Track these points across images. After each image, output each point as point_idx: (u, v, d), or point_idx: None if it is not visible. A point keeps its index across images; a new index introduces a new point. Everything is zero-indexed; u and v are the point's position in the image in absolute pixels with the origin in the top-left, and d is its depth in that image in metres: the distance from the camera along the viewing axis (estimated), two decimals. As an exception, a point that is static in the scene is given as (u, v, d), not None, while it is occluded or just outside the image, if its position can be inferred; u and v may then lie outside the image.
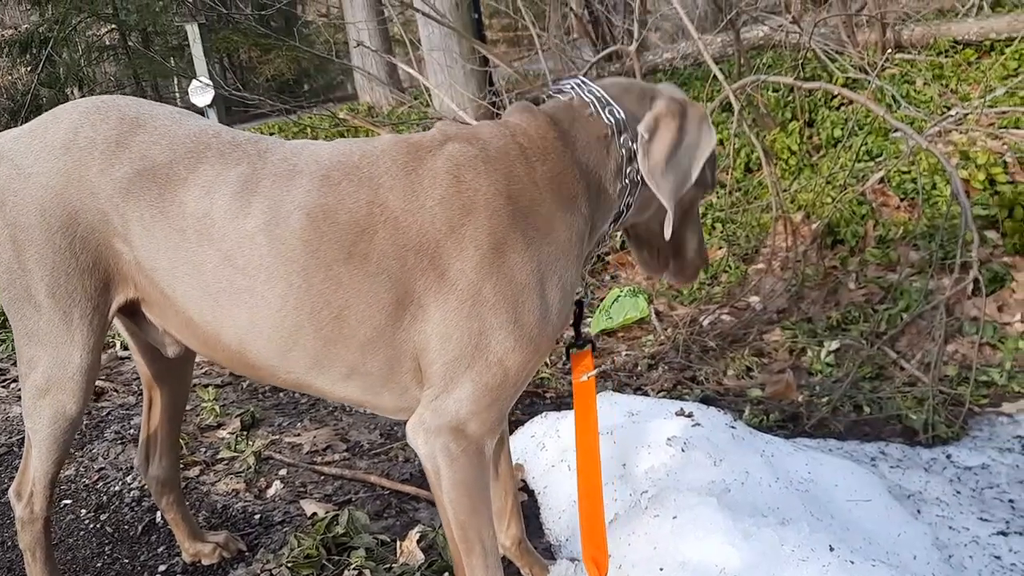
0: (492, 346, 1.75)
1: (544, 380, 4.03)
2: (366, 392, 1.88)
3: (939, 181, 4.74)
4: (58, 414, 1.95)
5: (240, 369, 1.94)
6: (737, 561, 1.93)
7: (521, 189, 1.79)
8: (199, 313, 1.84)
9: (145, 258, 1.84)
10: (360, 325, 1.78)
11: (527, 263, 1.76)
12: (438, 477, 1.83)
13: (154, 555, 2.50)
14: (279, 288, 1.77)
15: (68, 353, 1.90)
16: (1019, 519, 2.61)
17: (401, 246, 1.75)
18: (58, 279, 1.85)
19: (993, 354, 3.89)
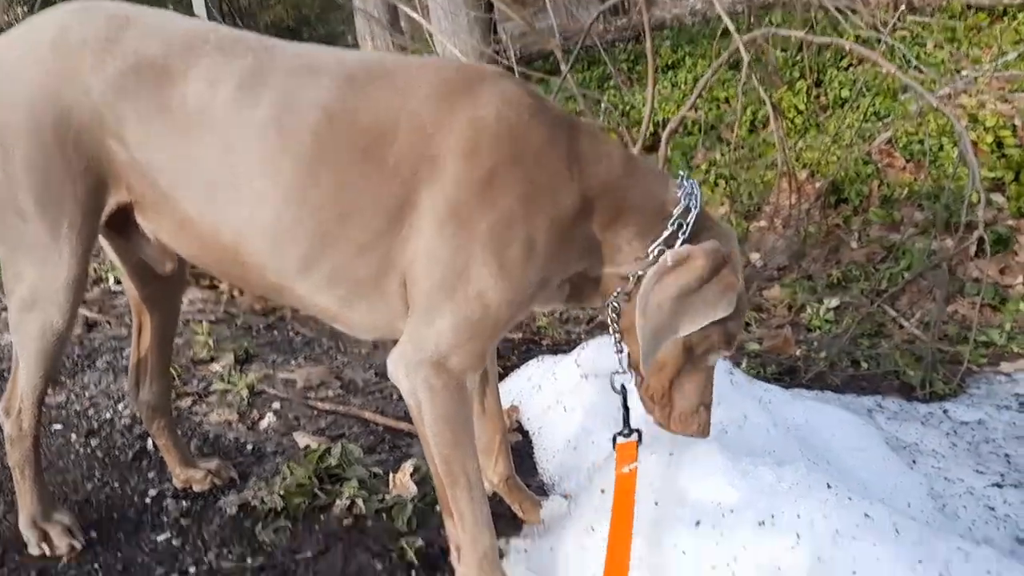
0: (473, 278, 1.74)
1: (541, 328, 4.01)
2: (343, 303, 1.86)
3: (946, 143, 4.70)
4: (45, 328, 1.92)
5: (231, 269, 1.90)
6: (734, 497, 1.91)
7: (553, 158, 1.77)
8: (197, 209, 1.80)
9: (141, 156, 1.80)
10: (361, 228, 1.75)
11: (522, 214, 1.73)
12: (420, 411, 1.81)
13: (145, 480, 2.48)
14: (284, 182, 1.74)
15: (55, 265, 1.86)
16: (1014, 472, 2.60)
17: (419, 155, 1.72)
18: (48, 185, 1.81)
19: (993, 315, 3.88)
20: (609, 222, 1.86)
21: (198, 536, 2.22)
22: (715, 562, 1.78)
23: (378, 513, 2.31)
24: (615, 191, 1.85)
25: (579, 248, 1.86)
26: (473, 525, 1.87)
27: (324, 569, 2.11)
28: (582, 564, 2.01)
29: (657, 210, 1.87)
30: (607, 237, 1.88)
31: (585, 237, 1.86)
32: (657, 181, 1.92)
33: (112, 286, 4.10)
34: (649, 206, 1.87)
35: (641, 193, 1.87)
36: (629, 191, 1.86)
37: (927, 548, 1.64)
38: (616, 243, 1.88)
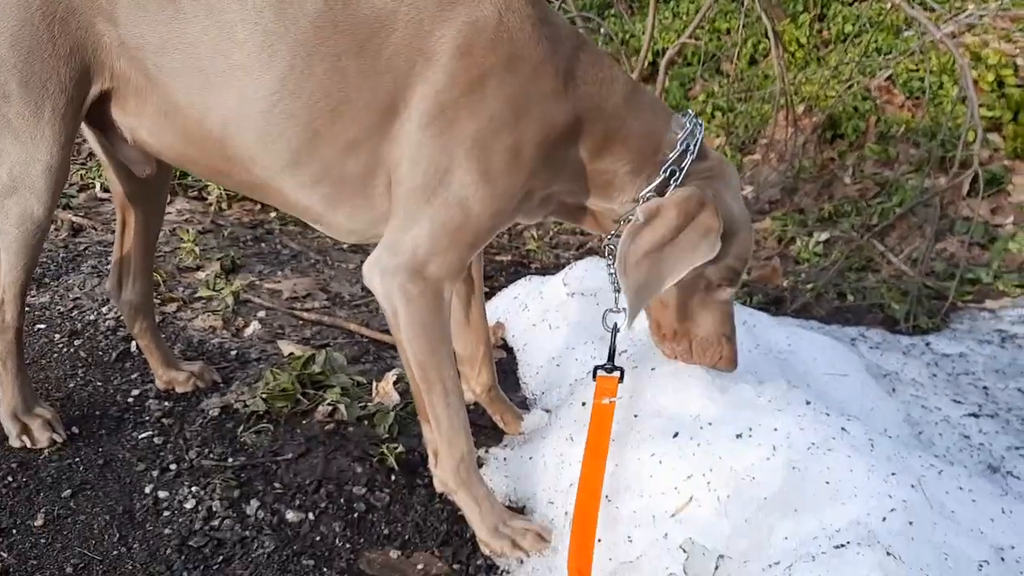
0: (455, 183, 1.72)
1: (531, 252, 4.00)
2: (327, 203, 1.84)
3: (946, 81, 4.65)
4: (25, 215, 1.89)
5: (215, 164, 1.86)
6: (714, 411, 1.93)
7: (550, 72, 1.74)
8: (186, 94, 1.77)
9: (132, 36, 1.76)
10: (352, 123, 1.72)
11: (509, 121, 1.71)
12: (396, 317, 1.80)
13: (127, 380, 2.48)
14: (279, 69, 1.71)
15: (36, 149, 1.83)
16: (991, 404, 2.63)
17: (415, 50, 1.70)
18: (32, 66, 1.77)
19: (982, 254, 3.89)
20: (599, 150, 1.84)
21: (179, 435, 2.23)
22: (692, 471, 1.80)
23: (360, 420, 2.33)
24: (610, 119, 1.82)
25: (565, 168, 1.85)
26: (449, 430, 1.88)
27: (304, 471, 2.13)
28: (559, 473, 2.03)
29: (653, 149, 1.85)
30: (597, 165, 1.86)
31: (573, 159, 1.84)
32: (658, 117, 1.89)
33: (99, 193, 4.06)
34: (645, 143, 1.85)
35: (638, 127, 1.85)
36: (625, 122, 1.83)
37: (901, 462, 1.66)
38: (607, 176, 1.87)
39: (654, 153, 1.85)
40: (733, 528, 1.62)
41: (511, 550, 1.87)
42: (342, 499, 2.04)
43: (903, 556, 1.30)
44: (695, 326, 1.99)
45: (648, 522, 1.76)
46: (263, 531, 1.93)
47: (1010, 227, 4.00)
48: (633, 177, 1.86)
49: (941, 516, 1.49)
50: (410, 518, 2.02)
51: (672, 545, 1.66)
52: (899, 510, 1.45)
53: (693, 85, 5.72)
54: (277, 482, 2.08)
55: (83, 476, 2.06)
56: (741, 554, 1.54)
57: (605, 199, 1.90)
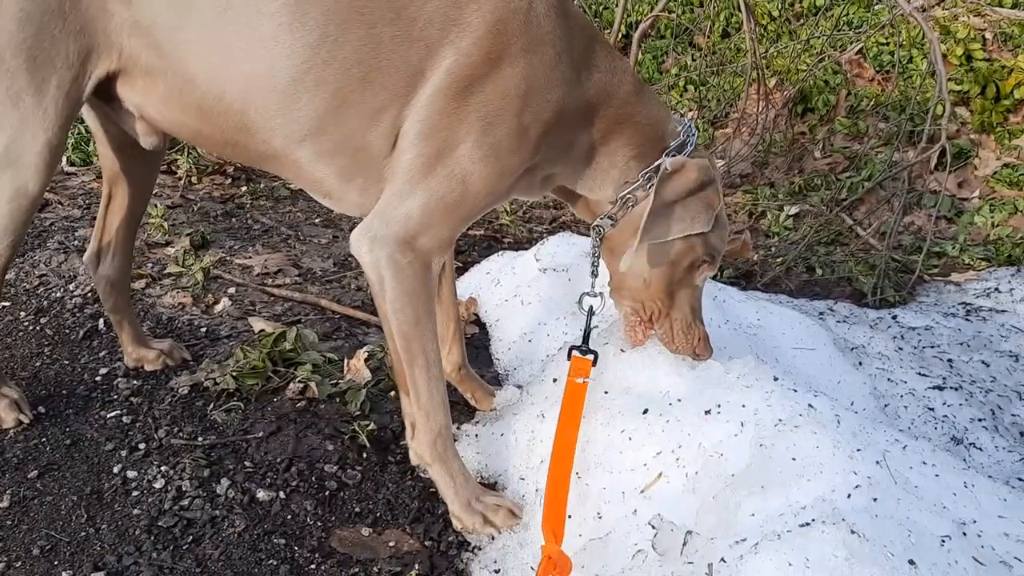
0: (462, 156, 1.74)
1: (503, 227, 3.99)
2: (342, 175, 1.84)
3: (916, 55, 4.67)
4: (19, 191, 1.86)
5: (230, 137, 1.84)
6: (683, 388, 1.94)
7: (569, 62, 1.79)
8: (204, 67, 1.76)
9: (146, 14, 1.74)
10: (382, 90, 1.74)
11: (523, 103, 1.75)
12: (382, 287, 1.81)
13: (95, 359, 2.46)
14: (312, 38, 1.70)
15: (36, 126, 1.80)
16: (955, 376, 2.67)
17: (449, 20, 1.72)
18: (41, 42, 1.74)
19: (948, 227, 3.93)
20: (609, 132, 1.90)
21: (148, 414, 2.22)
22: (660, 448, 1.82)
23: (331, 397, 2.32)
24: (621, 104, 1.88)
25: (572, 150, 1.90)
26: (429, 403, 1.89)
27: (275, 448, 2.12)
28: (530, 449, 2.05)
29: (657, 138, 1.93)
30: (603, 150, 1.91)
31: (582, 142, 1.89)
32: (662, 111, 1.97)
33: (66, 167, 3.99)
34: (652, 131, 1.92)
35: (647, 114, 1.92)
36: (636, 108, 1.90)
37: (866, 438, 1.68)
38: (612, 159, 1.92)
39: (659, 141, 1.92)
40: (701, 504, 1.64)
41: (483, 526, 1.88)
42: (313, 477, 2.05)
43: (867, 533, 1.33)
44: (676, 306, 2.02)
45: (618, 498, 1.78)
46: (233, 510, 1.92)
47: (976, 201, 4.04)
48: (638, 163, 1.92)
49: (905, 491, 1.52)
50: (382, 496, 2.02)
51: (641, 521, 1.68)
52: (864, 486, 1.47)
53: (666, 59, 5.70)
54: (247, 461, 2.08)
55: (50, 456, 2.04)
56: (709, 530, 1.56)
57: (603, 185, 1.95)
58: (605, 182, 1.94)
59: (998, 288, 3.34)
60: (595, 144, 1.90)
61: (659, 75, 5.61)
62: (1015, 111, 4.31)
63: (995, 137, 4.28)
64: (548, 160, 1.89)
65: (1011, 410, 2.56)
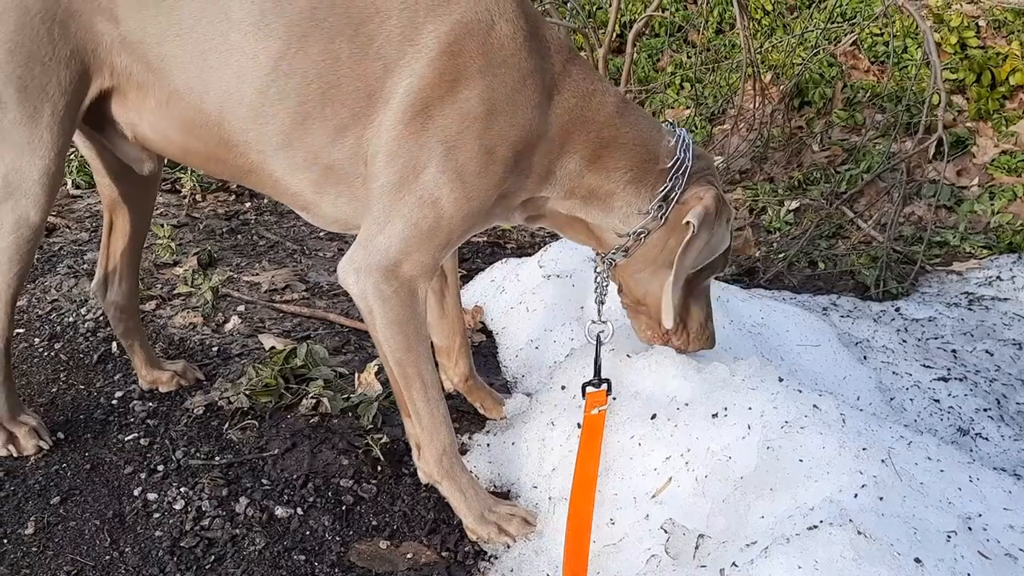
0: (429, 181, 1.74)
1: (505, 232, 4.02)
2: (315, 188, 1.86)
3: (910, 44, 4.69)
4: (20, 221, 1.89)
5: (213, 151, 1.88)
6: (689, 391, 1.97)
7: (535, 86, 1.78)
8: (185, 79, 1.79)
9: (133, 31, 1.77)
10: (341, 107, 1.75)
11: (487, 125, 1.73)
12: (372, 316, 1.84)
13: (110, 382, 2.50)
14: (274, 49, 1.73)
15: (33, 155, 1.83)
16: (960, 367, 2.70)
17: (406, 39, 1.72)
18: (32, 70, 1.77)
19: (948, 216, 3.95)
20: (595, 159, 1.87)
21: (165, 436, 2.26)
22: (670, 452, 1.85)
23: (344, 411, 2.36)
24: (602, 128, 1.85)
25: (554, 177, 1.88)
26: (431, 424, 1.92)
27: (291, 465, 2.16)
28: (542, 457, 2.08)
29: (651, 158, 1.90)
30: (596, 176, 1.89)
31: (565, 169, 1.87)
32: (652, 128, 1.94)
33: (71, 190, 4.04)
34: (643, 152, 1.89)
35: (633, 136, 1.89)
36: (620, 131, 1.87)
37: (871, 436, 1.71)
38: (608, 187, 1.90)
39: (654, 162, 1.90)
40: (712, 508, 1.67)
41: (498, 535, 1.92)
42: (330, 492, 2.08)
43: (873, 533, 1.35)
44: (692, 316, 2.07)
45: (629, 503, 1.81)
46: (253, 528, 1.96)
47: (975, 189, 4.07)
48: (637, 187, 1.90)
49: (911, 489, 1.55)
50: (397, 508, 2.06)
51: (653, 526, 1.71)
52: (870, 486, 1.50)
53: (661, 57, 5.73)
54: (265, 478, 2.11)
55: (71, 482, 2.08)
56: (720, 533, 1.60)
57: (605, 211, 1.93)
58: (606, 208, 1.93)
59: (1000, 276, 3.36)
60: (583, 170, 1.87)
61: (655, 73, 5.64)
62: (1011, 98, 4.34)
63: (992, 124, 4.30)
64: (523, 187, 1.87)
65: (1016, 398, 2.58)
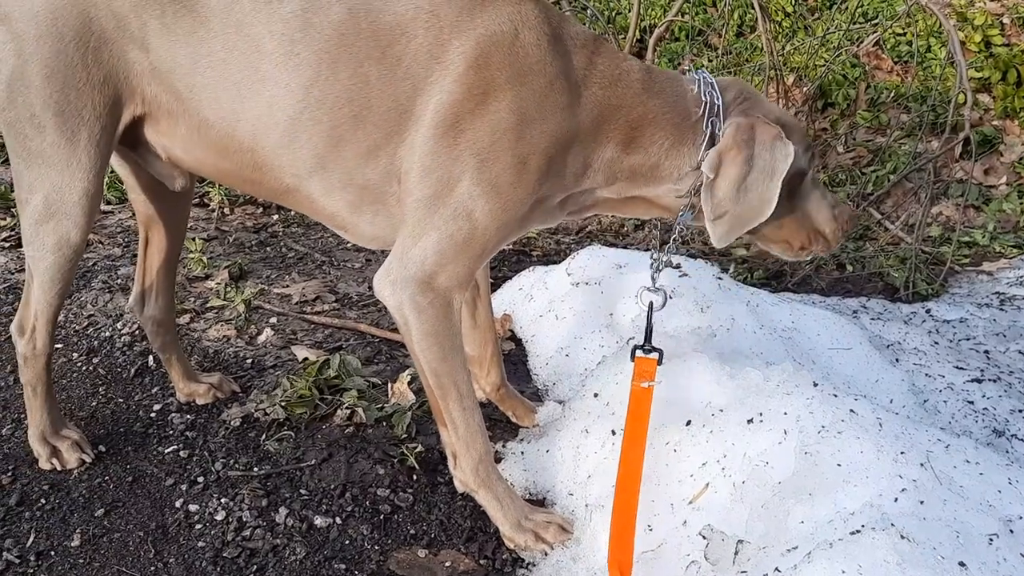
0: (464, 195, 1.76)
1: (531, 239, 4.04)
2: (351, 208, 1.89)
3: (934, 44, 4.67)
4: (61, 241, 1.94)
5: (247, 175, 1.91)
6: (723, 397, 1.98)
7: (563, 87, 1.78)
8: (216, 108, 1.82)
9: (164, 59, 1.81)
10: (374, 129, 1.77)
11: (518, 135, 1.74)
12: (407, 328, 1.85)
13: (148, 395, 2.54)
14: (305, 76, 1.76)
15: (72, 176, 1.87)
16: (993, 368, 2.69)
17: (433, 57, 1.74)
18: (67, 95, 1.81)
19: (977, 216, 3.93)
20: (630, 141, 1.86)
21: (204, 448, 2.29)
22: (706, 458, 1.85)
23: (378, 421, 2.38)
24: (631, 110, 1.85)
25: (592, 169, 1.88)
26: (466, 433, 1.94)
27: (328, 475, 2.18)
28: (576, 465, 2.09)
29: (684, 116, 1.88)
30: (634, 157, 1.88)
31: (603, 159, 1.87)
32: (675, 88, 1.91)
33: (103, 206, 4.09)
34: (675, 116, 1.88)
35: (661, 105, 1.87)
36: (648, 106, 1.86)
37: (909, 440, 1.71)
38: (651, 161, 1.89)
39: (687, 118, 1.88)
40: (751, 513, 1.68)
41: (535, 543, 1.93)
42: (367, 502, 2.10)
43: (916, 537, 1.36)
44: (816, 221, 2.00)
45: (667, 510, 1.82)
46: (293, 538, 1.98)
47: (1004, 187, 4.04)
48: (679, 149, 1.88)
49: (951, 492, 1.55)
50: (434, 516, 2.08)
51: (692, 532, 1.72)
52: (910, 490, 1.50)
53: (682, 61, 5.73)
54: (303, 488, 2.14)
55: (114, 494, 2.11)
56: (760, 539, 1.60)
57: (656, 182, 1.92)
58: (656, 179, 1.91)
59: (1031, 275, 3.34)
60: (620, 155, 1.87)
61: (677, 78, 5.63)
62: (1038, 95, 4.31)
63: (1019, 122, 4.27)
64: (561, 187, 1.88)
65: (1051, 399, 2.57)
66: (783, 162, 1.81)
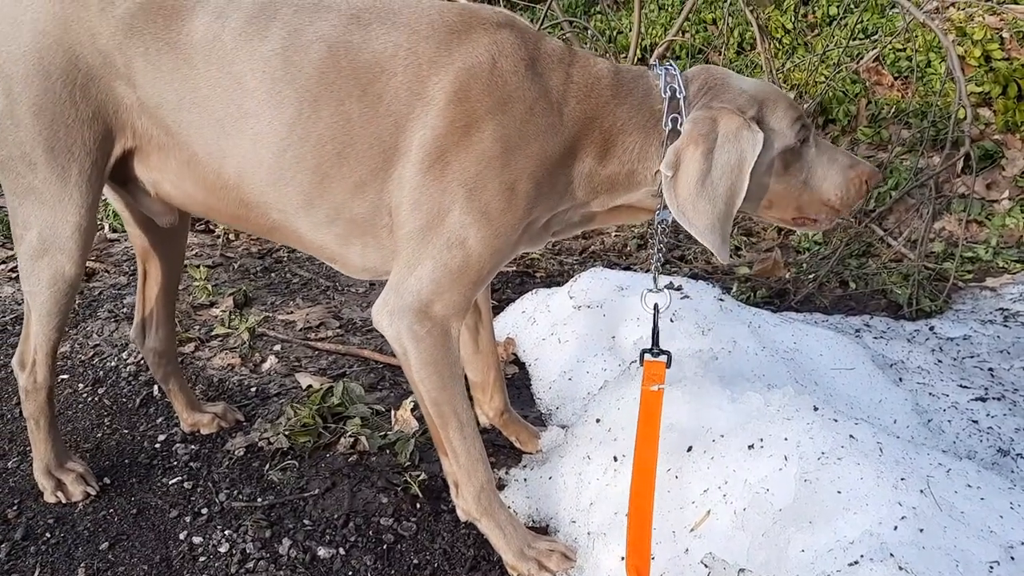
0: (455, 224, 1.76)
1: (534, 260, 4.05)
2: (341, 242, 1.90)
3: (934, 59, 4.68)
4: (56, 276, 1.96)
5: (235, 211, 1.92)
6: (724, 422, 1.98)
7: (544, 109, 1.78)
8: (203, 145, 1.83)
9: (150, 96, 1.82)
10: (358, 165, 1.78)
11: (504, 162, 1.74)
12: (406, 357, 1.86)
13: (153, 426, 2.55)
14: (287, 115, 1.77)
15: (64, 212, 1.89)
16: (997, 386, 2.68)
17: (414, 94, 1.75)
18: (57, 132, 1.83)
19: (979, 231, 3.93)
20: (605, 152, 1.85)
21: (208, 478, 2.30)
22: (707, 485, 1.85)
23: (382, 449, 2.39)
24: (603, 119, 1.83)
25: (573, 186, 1.87)
26: (468, 462, 1.94)
27: (332, 505, 2.19)
28: (579, 492, 2.09)
29: (649, 116, 1.86)
30: (609, 167, 1.87)
31: (583, 174, 1.86)
32: (641, 89, 1.88)
33: (108, 234, 4.12)
34: (640, 118, 1.85)
35: (630, 112, 1.85)
36: (616, 114, 1.84)
37: (909, 465, 1.71)
38: (626, 168, 1.87)
39: (652, 117, 1.86)
40: (751, 541, 1.68)
41: (538, 571, 1.93)
42: (370, 531, 2.11)
43: (915, 568, 1.36)
44: (821, 191, 1.92)
45: (668, 538, 1.82)
46: (297, 570, 1.99)
47: (1006, 202, 4.04)
48: (647, 150, 1.86)
49: (951, 519, 1.54)
50: (438, 545, 2.08)
51: (694, 560, 1.72)
52: (910, 517, 1.50)
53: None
54: (306, 519, 2.14)
55: (118, 527, 2.12)
56: (760, 567, 1.60)
57: (633, 188, 1.90)
58: (634, 184, 1.90)
59: (1034, 291, 3.33)
60: (597, 168, 1.86)
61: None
62: (1039, 109, 4.31)
63: (1021, 136, 4.27)
64: (547, 207, 1.87)
65: (1056, 417, 2.56)
66: (751, 151, 1.77)
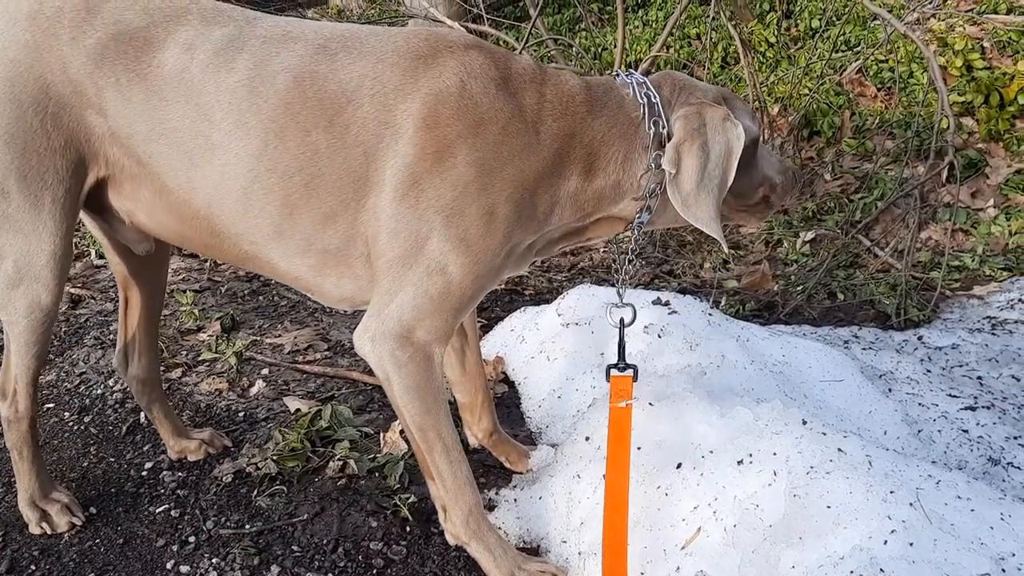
0: (435, 251, 1.75)
1: (523, 278, 4.04)
2: (315, 272, 1.89)
3: (916, 69, 4.71)
4: (33, 305, 1.94)
5: (207, 241, 1.91)
6: (713, 438, 1.97)
7: (519, 129, 1.77)
8: (173, 176, 1.82)
9: (121, 126, 1.81)
10: (328, 196, 1.77)
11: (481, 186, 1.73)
12: (389, 383, 1.84)
13: (140, 453, 2.53)
14: (254, 146, 1.75)
15: (39, 240, 1.88)
16: (987, 395, 2.68)
17: (382, 123, 1.74)
18: (29, 161, 1.81)
19: (965, 239, 3.94)
20: (589, 169, 1.85)
21: (195, 506, 2.27)
22: (697, 502, 1.85)
23: (371, 472, 2.37)
24: (582, 135, 1.83)
25: (559, 206, 1.86)
26: (455, 485, 1.93)
27: (321, 530, 2.17)
28: (569, 511, 2.08)
29: (628, 124, 1.86)
30: (596, 183, 1.86)
31: (568, 193, 1.85)
32: (613, 100, 1.88)
33: (95, 260, 4.11)
34: (619, 129, 1.86)
35: (608, 124, 1.85)
36: (596, 129, 1.84)
37: (899, 478, 1.70)
38: (611, 180, 1.87)
39: (631, 124, 1.86)
40: (742, 558, 1.67)
41: (529, 594, 1.91)
42: (360, 556, 2.09)
43: (904, 583, 1.35)
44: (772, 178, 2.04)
45: (660, 556, 1.81)
46: (286, 597, 1.97)
47: (991, 210, 4.05)
48: (631, 157, 1.86)
49: (941, 531, 1.54)
50: (428, 569, 2.06)
51: (685, 579, 1.71)
52: (899, 531, 1.49)
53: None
54: (295, 545, 2.12)
55: (104, 558, 2.09)
56: (751, 584, 1.59)
57: (619, 198, 1.90)
58: (619, 194, 1.90)
59: (1021, 298, 3.34)
60: (584, 185, 1.86)
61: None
62: (1021, 117, 4.33)
63: (1004, 144, 4.30)
64: (531, 230, 1.86)
65: (1046, 424, 2.56)
66: (737, 140, 1.81)
